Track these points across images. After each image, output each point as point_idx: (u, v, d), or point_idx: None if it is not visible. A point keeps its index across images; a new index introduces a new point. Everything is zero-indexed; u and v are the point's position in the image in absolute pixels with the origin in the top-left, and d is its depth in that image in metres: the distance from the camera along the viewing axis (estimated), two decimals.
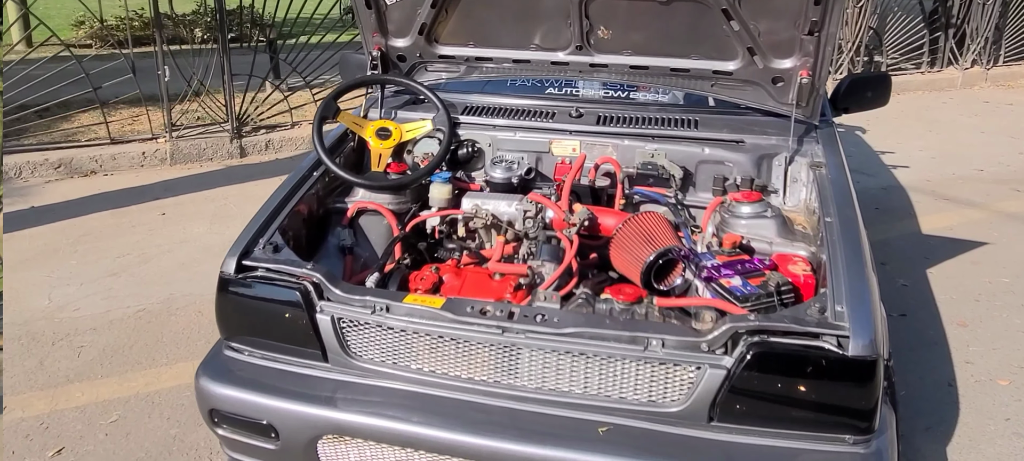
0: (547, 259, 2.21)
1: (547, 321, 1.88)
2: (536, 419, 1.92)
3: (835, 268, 1.94)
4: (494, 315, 1.91)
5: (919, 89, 9.07)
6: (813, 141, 2.59)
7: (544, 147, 2.72)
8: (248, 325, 2.15)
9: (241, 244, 2.16)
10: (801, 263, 2.10)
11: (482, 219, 2.35)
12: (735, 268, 2.06)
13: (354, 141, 2.78)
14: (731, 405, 1.80)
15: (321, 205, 2.56)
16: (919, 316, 3.72)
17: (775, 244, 2.24)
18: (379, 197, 2.57)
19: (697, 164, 2.60)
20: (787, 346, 1.76)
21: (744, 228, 2.28)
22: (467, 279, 2.23)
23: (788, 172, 2.54)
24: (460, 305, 1.95)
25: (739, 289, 1.96)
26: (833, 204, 2.21)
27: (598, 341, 1.85)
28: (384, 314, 1.98)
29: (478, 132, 2.78)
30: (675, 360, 1.81)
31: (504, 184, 2.57)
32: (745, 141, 2.60)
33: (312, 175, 2.54)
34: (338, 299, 2.03)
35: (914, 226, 4.90)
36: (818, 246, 2.13)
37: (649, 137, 2.64)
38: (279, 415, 2.03)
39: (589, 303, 1.97)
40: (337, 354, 2.04)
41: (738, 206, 2.33)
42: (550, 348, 1.88)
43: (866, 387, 1.76)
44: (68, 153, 6.13)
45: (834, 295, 1.84)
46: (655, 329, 1.85)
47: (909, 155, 6.40)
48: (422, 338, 1.97)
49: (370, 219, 2.57)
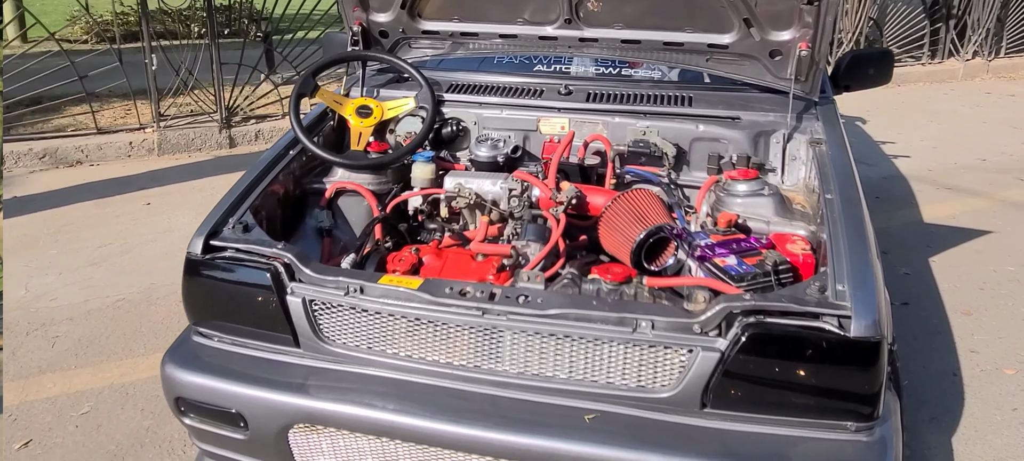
0: (532, 239, 2.10)
1: (530, 302, 1.77)
2: (519, 406, 1.80)
3: (836, 246, 1.83)
4: (474, 296, 1.80)
5: (920, 80, 8.95)
6: (813, 118, 2.48)
7: (532, 125, 2.61)
8: (216, 309, 2.03)
9: (209, 223, 2.05)
10: (800, 242, 1.99)
11: (465, 198, 2.24)
12: (730, 247, 1.94)
13: (334, 120, 2.66)
14: (725, 390, 1.69)
15: (298, 186, 2.45)
16: (922, 305, 3.61)
17: (773, 223, 2.13)
18: (358, 177, 2.45)
19: (691, 142, 2.48)
20: (785, 327, 1.65)
21: (740, 207, 2.17)
22: (448, 260, 2.12)
23: (787, 150, 2.43)
24: (438, 286, 1.84)
25: (734, 268, 1.85)
26: (834, 181, 2.10)
27: (584, 323, 1.73)
28: (358, 296, 1.87)
29: (463, 110, 2.67)
30: (666, 343, 1.70)
31: (489, 163, 2.46)
32: (741, 118, 2.48)
33: (288, 154, 2.42)
34: (310, 280, 1.91)
35: (916, 215, 4.79)
36: (818, 225, 2.02)
37: (641, 114, 2.53)
38: (248, 403, 1.92)
39: (575, 284, 1.86)
40: (309, 339, 1.93)
41: (734, 184, 2.21)
42: (533, 331, 1.77)
43: (869, 371, 1.65)
44: (53, 143, 6.01)
45: (835, 274, 1.73)
46: (644, 310, 1.74)
47: (910, 145, 6.29)
48: (398, 321, 1.86)
49: (349, 200, 2.46)
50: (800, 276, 1.90)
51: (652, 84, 2.71)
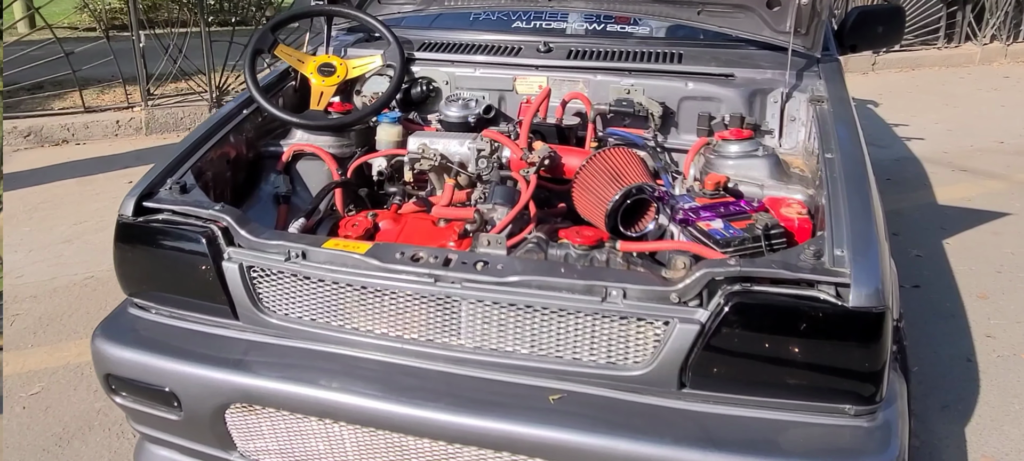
0: (499, 202, 1.90)
1: (489, 269, 1.58)
2: (476, 385, 1.61)
3: (835, 208, 1.62)
4: (427, 262, 1.61)
5: (935, 65, 8.66)
6: (814, 75, 2.26)
7: (508, 85, 2.40)
8: (149, 277, 1.85)
9: (144, 184, 1.87)
10: (796, 206, 1.78)
11: (429, 160, 2.04)
12: (717, 211, 1.74)
13: (296, 80, 2.47)
14: (706, 368, 1.49)
15: (253, 148, 2.26)
16: (935, 287, 3.38)
17: (767, 187, 1.92)
18: (318, 139, 2.26)
19: (680, 101, 2.27)
20: (774, 296, 1.45)
21: (731, 169, 1.96)
22: (407, 225, 1.93)
23: (785, 110, 2.21)
24: (388, 251, 1.65)
25: (719, 232, 1.64)
26: (835, 139, 1.89)
27: (547, 292, 1.54)
28: (300, 262, 1.68)
29: (434, 69, 2.47)
30: (639, 314, 1.50)
31: (460, 124, 2.26)
32: (735, 75, 2.27)
33: (241, 113, 2.23)
34: (248, 245, 1.72)
35: (929, 197, 4.56)
36: (817, 189, 1.81)
37: (625, 71, 2.32)
38: (180, 381, 1.74)
39: (541, 248, 1.66)
40: (247, 310, 1.74)
41: (725, 145, 2.01)
42: (492, 301, 1.57)
43: (871, 346, 1.44)
44: (38, 121, 5.86)
45: (834, 238, 1.53)
46: (616, 278, 1.53)
47: (924, 128, 6.03)
48: (344, 290, 1.67)
49: (309, 164, 2.27)
50: (795, 241, 1.69)
51: (638, 40, 2.50)
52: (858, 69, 8.08)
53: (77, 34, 7.29)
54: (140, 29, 5.87)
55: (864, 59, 8.15)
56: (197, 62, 6.30)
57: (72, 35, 6.94)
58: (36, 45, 6.02)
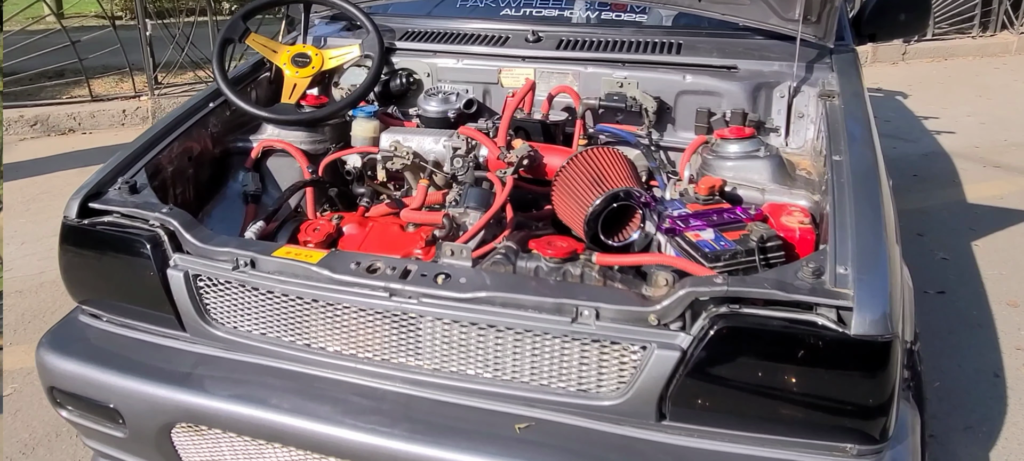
0: (473, 206, 1.74)
1: (450, 282, 1.42)
2: (436, 411, 1.46)
3: (841, 217, 1.44)
4: (384, 274, 1.46)
5: (969, 55, 8.30)
6: (825, 68, 2.06)
7: (493, 78, 2.24)
8: (94, 284, 1.73)
9: (91, 182, 1.74)
10: (798, 214, 1.60)
11: (401, 159, 1.89)
12: (709, 219, 1.56)
13: (271, 71, 2.33)
14: (689, 399, 1.33)
15: (220, 144, 2.12)
16: (961, 294, 3.16)
17: (768, 191, 1.74)
18: (290, 135, 2.12)
19: (677, 95, 2.09)
20: (766, 320, 1.28)
21: (730, 171, 1.79)
22: (372, 231, 1.78)
23: (792, 105, 2.02)
24: (342, 261, 1.50)
25: (708, 245, 1.47)
26: (844, 139, 1.70)
27: (512, 310, 1.38)
28: (248, 271, 1.54)
29: (415, 60, 2.31)
30: (612, 337, 1.34)
31: (439, 119, 2.10)
32: (738, 67, 2.08)
33: (207, 106, 2.10)
34: (195, 251, 1.59)
35: (958, 195, 4.31)
36: (823, 194, 1.63)
37: (619, 63, 2.14)
38: (123, 396, 1.61)
39: (509, 260, 1.50)
40: (194, 321, 1.61)
41: (724, 144, 1.83)
42: (452, 318, 1.42)
43: (876, 378, 1.27)
44: (45, 110, 5.81)
45: (837, 253, 1.35)
46: (588, 295, 1.37)
47: (955, 121, 5.74)
48: (294, 303, 1.53)
49: (280, 161, 2.13)
50: (795, 255, 1.51)
51: (634, 29, 2.31)
52: (887, 59, 7.76)
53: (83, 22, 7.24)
54: (146, 17, 5.79)
55: (894, 48, 7.83)
56: (205, 50, 6.20)
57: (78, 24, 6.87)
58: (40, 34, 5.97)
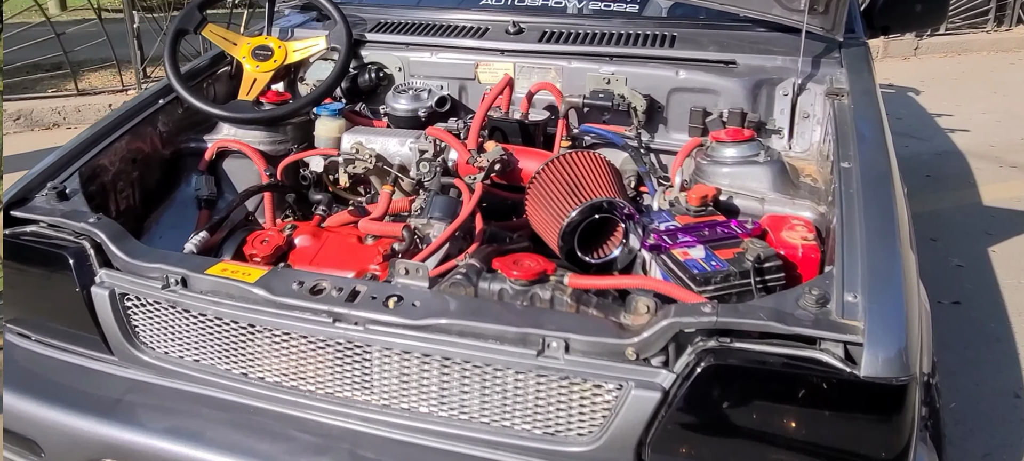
0: (437, 216, 1.56)
1: (402, 306, 1.25)
2: (385, 451, 1.29)
3: (849, 235, 1.26)
4: (329, 296, 1.28)
5: (983, 50, 8.05)
6: (833, 63, 1.87)
7: (469, 73, 2.05)
8: (17, 300, 1.56)
9: (16, 188, 1.57)
10: (802, 228, 1.41)
11: (363, 162, 1.71)
12: (700, 234, 1.38)
13: (232, 66, 2.15)
14: (671, 446, 1.15)
15: (171, 144, 1.95)
16: (978, 304, 2.96)
17: (768, 202, 1.55)
18: (248, 135, 1.95)
19: (669, 93, 1.90)
20: (761, 357, 1.10)
21: (726, 178, 1.60)
22: (327, 243, 1.61)
23: (797, 105, 1.83)
24: (283, 280, 1.33)
25: (697, 265, 1.28)
26: (854, 143, 1.51)
27: (470, 339, 1.20)
28: (179, 290, 1.36)
29: (386, 53, 2.13)
30: (584, 372, 1.16)
31: (408, 118, 1.93)
32: (737, 62, 1.89)
33: (157, 102, 1.93)
34: (124, 266, 1.42)
35: (973, 196, 4.10)
36: (830, 204, 1.45)
37: (606, 57, 1.95)
38: (44, 428, 1.44)
39: (470, 281, 1.32)
40: (121, 345, 1.44)
41: (719, 148, 1.64)
42: (404, 347, 1.24)
43: (889, 425, 1.09)
44: (28, 104, 5.66)
45: (845, 277, 1.17)
46: (557, 324, 1.19)
47: (970, 118, 5.52)
48: (229, 327, 1.35)
49: (237, 163, 1.96)
50: (797, 277, 1.33)
51: (624, 19, 2.12)
52: (899, 53, 7.54)
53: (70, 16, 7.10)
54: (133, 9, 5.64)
55: (905, 43, 7.60)
56: (195, 44, 6.03)
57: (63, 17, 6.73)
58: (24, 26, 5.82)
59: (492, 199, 1.69)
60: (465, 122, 1.80)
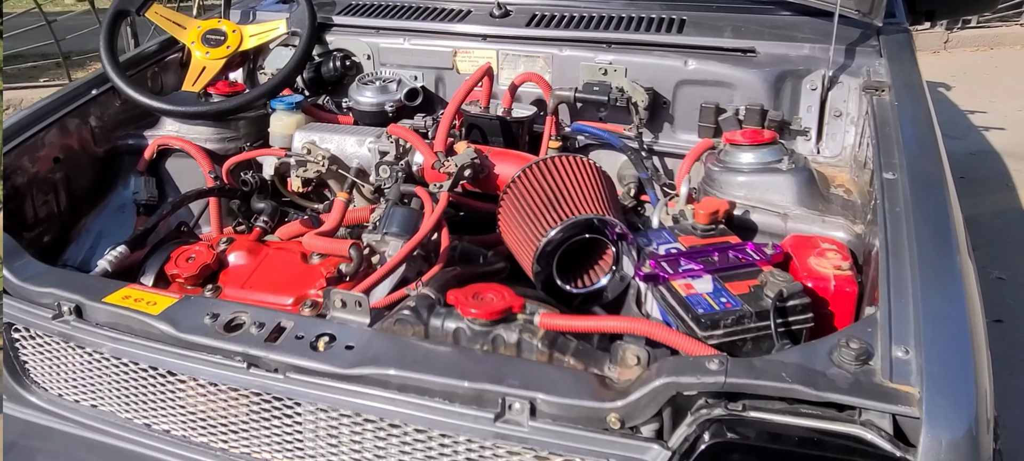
0: (395, 231, 1.31)
1: (332, 351, 1.00)
2: None
3: (897, 265, 0.99)
4: (246, 335, 1.03)
5: (1017, 43, 7.71)
6: (871, 52, 1.60)
7: (447, 62, 1.79)
8: None
9: None
10: (834, 254, 1.14)
11: (315, 164, 1.46)
12: (708, 260, 1.12)
13: (184, 53, 1.91)
14: None
15: (106, 141, 1.72)
16: (1021, 322, 2.67)
17: (792, 219, 1.29)
18: (193, 131, 1.71)
19: (676, 86, 1.63)
20: (784, 432, 0.84)
21: (741, 189, 1.34)
22: (266, 262, 1.36)
23: (827, 100, 1.56)
24: (194, 312, 1.08)
25: (703, 302, 1.02)
26: (899, 147, 1.24)
27: (412, 397, 0.95)
28: (71, 321, 1.12)
29: (353, 39, 1.87)
30: (552, 445, 0.90)
31: (374, 113, 1.68)
32: (757, 50, 1.62)
33: (89, 93, 1.69)
34: (12, 291, 1.18)
35: (1012, 200, 3.81)
36: (869, 224, 1.18)
37: (603, 44, 1.68)
38: None
39: (419, 318, 1.06)
40: (8, 384, 1.20)
41: (734, 152, 1.38)
42: (332, 403, 0.99)
43: None
44: (18, 93, 5.52)
45: (893, 322, 0.91)
46: (523, 377, 0.93)
47: (1004, 115, 5.22)
48: (129, 368, 1.11)
49: (182, 163, 1.73)
50: (829, 323, 1.07)
51: (624, 1, 1.84)
52: (927, 47, 7.19)
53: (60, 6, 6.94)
54: None
55: (936, 36, 7.26)
56: None
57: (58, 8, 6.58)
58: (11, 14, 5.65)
59: (468, 211, 1.44)
60: (435, 119, 1.54)
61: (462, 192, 1.46)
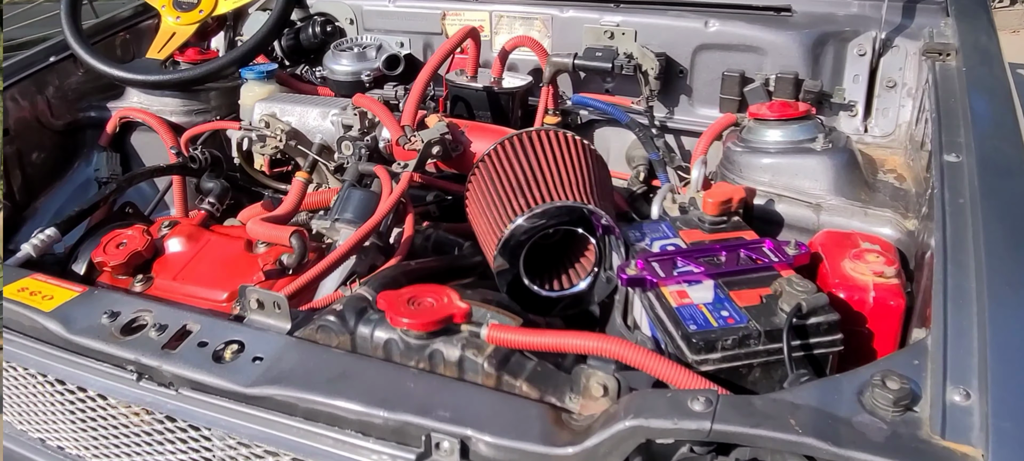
0: (349, 217, 1.11)
1: (237, 363, 0.81)
2: None
3: (959, 274, 0.75)
4: (144, 340, 0.86)
5: None
6: (935, 9, 1.33)
7: (436, 26, 1.58)
8: None
9: None
10: (877, 257, 0.90)
11: (274, 138, 1.28)
12: (711, 261, 0.89)
13: (157, 18, 1.75)
14: None
15: (65, 114, 1.57)
16: None
17: (827, 211, 1.05)
18: (158, 103, 1.55)
19: (695, 52, 1.38)
20: None
21: (766, 172, 1.10)
22: (206, 249, 1.18)
23: (879, 68, 1.30)
24: (91, 310, 0.91)
25: (697, 316, 0.80)
26: (967, 128, 0.99)
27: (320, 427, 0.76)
28: None
29: (335, 2, 1.68)
30: None
31: (351, 83, 1.49)
32: (793, 8, 1.36)
33: (47, 60, 1.55)
34: None
35: None
36: (925, 218, 0.94)
37: (611, 2, 1.45)
38: None
39: (344, 326, 0.86)
40: None
41: (759, 128, 1.14)
42: (228, 428, 0.81)
43: None
44: None
45: (949, 353, 0.68)
46: (457, 408, 0.73)
47: None
48: (18, 373, 0.95)
49: (147, 138, 1.57)
50: (865, 349, 0.83)
51: None
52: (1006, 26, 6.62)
53: None
54: None
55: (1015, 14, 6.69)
56: None
57: None
58: None
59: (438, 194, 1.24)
60: (408, 89, 1.34)
61: (436, 173, 1.26)
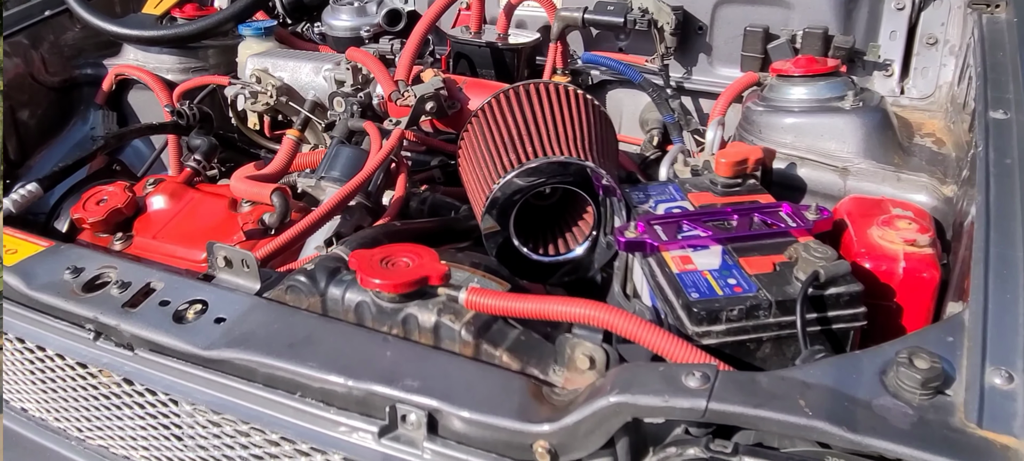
0: (335, 176, 1.05)
1: (198, 323, 0.75)
2: None
3: (1003, 244, 0.66)
4: (105, 298, 0.80)
5: None
6: None
7: None
8: None
9: None
10: (908, 224, 0.80)
11: (265, 94, 1.22)
12: (722, 224, 0.80)
13: None
14: None
15: (61, 70, 1.53)
16: None
17: (855, 175, 0.95)
18: (155, 59, 1.50)
19: (716, 5, 1.28)
20: None
21: (789, 132, 1.01)
22: (188, 208, 1.13)
23: (919, 23, 1.18)
24: (54, 264, 0.86)
25: (701, 283, 0.71)
26: (1017, 84, 0.88)
27: (279, 395, 0.69)
28: None
29: None
30: None
31: (349, 40, 1.42)
32: None
33: (42, 14, 1.51)
34: None
35: None
36: (964, 182, 0.84)
37: None
38: None
39: (314, 287, 0.79)
40: None
41: (782, 86, 1.05)
42: (189, 393, 0.75)
43: None
44: None
45: (989, 330, 0.58)
46: (426, 378, 0.66)
47: None
48: None
49: (144, 96, 1.52)
50: (893, 324, 0.74)
51: None
52: None
53: None
54: None
55: None
56: None
57: None
58: None
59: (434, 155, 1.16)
60: (405, 43, 1.26)
61: (431, 132, 1.19)
